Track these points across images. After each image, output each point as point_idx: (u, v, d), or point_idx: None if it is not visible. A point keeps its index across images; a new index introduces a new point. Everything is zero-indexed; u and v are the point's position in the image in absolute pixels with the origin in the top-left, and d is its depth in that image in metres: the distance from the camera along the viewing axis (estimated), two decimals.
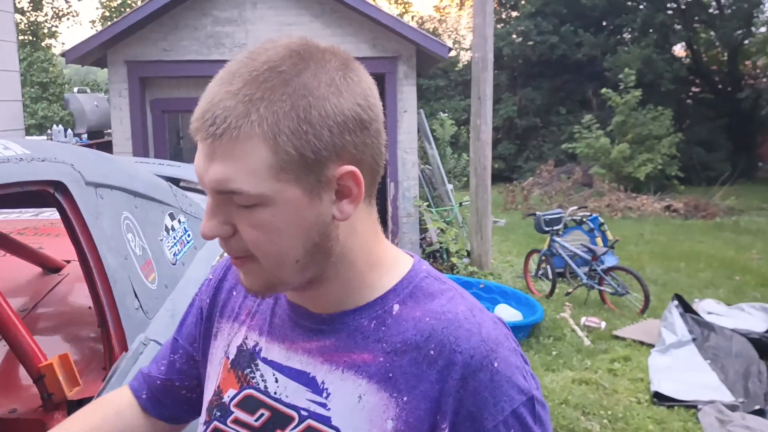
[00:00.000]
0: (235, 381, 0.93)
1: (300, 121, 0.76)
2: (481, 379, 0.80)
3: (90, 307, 1.86)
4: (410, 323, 0.85)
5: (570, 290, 7.35)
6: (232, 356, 0.96)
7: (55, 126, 13.84)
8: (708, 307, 6.27)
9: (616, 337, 6.07)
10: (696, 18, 20.77)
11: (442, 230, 8.77)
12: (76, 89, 19.04)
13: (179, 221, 2.24)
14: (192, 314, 1.08)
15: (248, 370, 0.93)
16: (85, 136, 13.76)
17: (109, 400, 1.11)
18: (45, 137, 13.71)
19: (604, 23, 21.49)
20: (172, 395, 1.09)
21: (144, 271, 1.89)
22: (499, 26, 20.57)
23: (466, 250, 8.68)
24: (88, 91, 19.23)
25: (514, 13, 22.76)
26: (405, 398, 0.82)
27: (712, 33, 20.75)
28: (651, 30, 20.16)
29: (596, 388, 5.02)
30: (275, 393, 0.89)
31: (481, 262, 8.45)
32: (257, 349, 0.93)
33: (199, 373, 1.06)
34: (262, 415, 0.90)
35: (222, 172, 0.76)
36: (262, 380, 0.91)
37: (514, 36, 21.52)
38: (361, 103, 0.80)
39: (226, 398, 0.93)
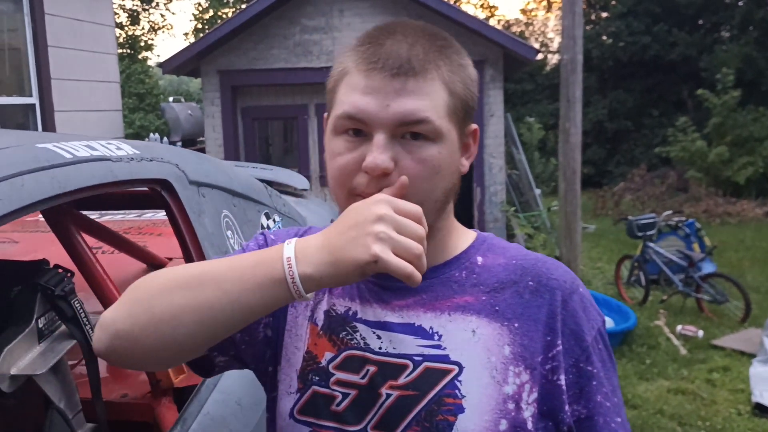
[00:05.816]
0: (329, 345, 0.95)
1: (465, 75, 0.93)
2: (576, 300, 0.94)
3: None
4: (498, 268, 0.96)
5: (665, 297, 7.08)
6: (320, 322, 0.97)
7: (151, 134, 14.46)
8: None
9: (715, 347, 5.83)
10: None
11: (529, 236, 8.64)
12: (171, 99, 19.81)
13: (274, 220, 2.30)
14: None
15: (344, 333, 0.95)
16: (179, 143, 14.30)
17: None
18: None
19: (700, 21, 20.61)
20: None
21: None
22: (587, 28, 20.07)
23: (555, 256, 8.52)
24: (182, 100, 19.99)
25: (604, 14, 22.17)
26: (516, 324, 0.92)
27: None
28: (751, 27, 19.19)
29: (693, 399, 4.83)
30: (380, 348, 0.92)
31: (571, 268, 8.25)
32: (350, 313, 0.96)
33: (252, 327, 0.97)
34: (368, 371, 0.92)
35: (414, 104, 0.87)
36: (362, 339, 0.94)
37: (604, 37, 20.94)
38: None
39: (323, 362, 0.95)
